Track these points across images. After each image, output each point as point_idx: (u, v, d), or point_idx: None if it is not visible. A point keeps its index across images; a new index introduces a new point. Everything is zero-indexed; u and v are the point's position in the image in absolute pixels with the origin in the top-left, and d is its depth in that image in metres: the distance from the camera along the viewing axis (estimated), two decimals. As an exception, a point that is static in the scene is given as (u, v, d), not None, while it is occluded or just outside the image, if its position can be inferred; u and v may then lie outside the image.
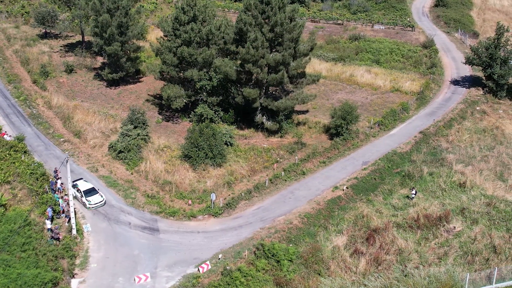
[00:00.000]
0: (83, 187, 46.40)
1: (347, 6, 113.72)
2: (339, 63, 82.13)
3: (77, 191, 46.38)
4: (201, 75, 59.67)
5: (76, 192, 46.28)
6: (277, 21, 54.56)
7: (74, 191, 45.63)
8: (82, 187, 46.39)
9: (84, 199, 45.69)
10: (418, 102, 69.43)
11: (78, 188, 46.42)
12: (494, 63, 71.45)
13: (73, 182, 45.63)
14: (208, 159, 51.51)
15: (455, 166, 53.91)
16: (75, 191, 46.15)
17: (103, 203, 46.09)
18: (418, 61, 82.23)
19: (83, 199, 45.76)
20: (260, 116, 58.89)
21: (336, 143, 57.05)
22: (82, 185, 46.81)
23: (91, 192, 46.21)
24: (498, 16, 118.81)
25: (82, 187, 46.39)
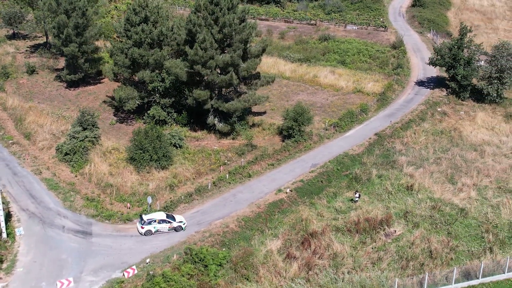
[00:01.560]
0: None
1: (322, 6, 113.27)
2: (304, 63, 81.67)
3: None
4: (153, 76, 59.16)
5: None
6: (225, 22, 54.08)
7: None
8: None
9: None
10: (379, 104, 68.97)
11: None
12: (457, 64, 70.99)
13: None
14: (153, 161, 50.99)
15: (406, 169, 53.49)
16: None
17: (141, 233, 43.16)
18: (384, 62, 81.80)
19: None
20: (212, 117, 58.40)
21: (287, 145, 56.57)
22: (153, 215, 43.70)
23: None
24: (476, 16, 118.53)
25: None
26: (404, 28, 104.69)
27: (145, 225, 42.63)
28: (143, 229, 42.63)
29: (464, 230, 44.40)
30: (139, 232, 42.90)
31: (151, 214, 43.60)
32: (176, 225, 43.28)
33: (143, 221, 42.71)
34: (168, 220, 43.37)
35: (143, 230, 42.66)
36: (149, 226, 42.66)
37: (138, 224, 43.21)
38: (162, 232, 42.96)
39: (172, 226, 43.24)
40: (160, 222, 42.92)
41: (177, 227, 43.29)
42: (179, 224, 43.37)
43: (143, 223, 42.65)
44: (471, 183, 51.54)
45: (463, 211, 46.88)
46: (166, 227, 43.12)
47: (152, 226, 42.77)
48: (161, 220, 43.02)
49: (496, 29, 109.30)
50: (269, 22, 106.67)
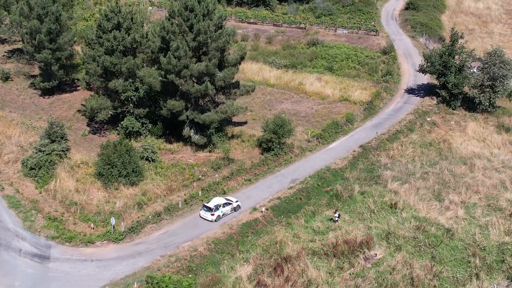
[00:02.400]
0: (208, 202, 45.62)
1: (313, 9, 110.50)
2: (291, 70, 78.93)
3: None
4: (126, 85, 56.39)
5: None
6: (200, 29, 51.30)
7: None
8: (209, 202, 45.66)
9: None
10: (366, 113, 66.25)
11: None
12: (448, 72, 68.28)
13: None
14: (121, 177, 48.24)
15: (390, 184, 50.82)
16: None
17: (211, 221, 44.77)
18: (373, 68, 79.06)
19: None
20: (188, 129, 55.64)
21: (266, 159, 53.83)
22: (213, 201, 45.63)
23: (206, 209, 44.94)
24: (470, 19, 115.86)
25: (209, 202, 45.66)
26: (396, 32, 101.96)
27: (214, 211, 44.35)
28: (213, 216, 44.26)
29: (450, 254, 41.72)
30: (209, 219, 44.33)
31: (212, 201, 45.24)
32: (235, 205, 46.13)
33: (211, 209, 44.23)
34: (229, 201, 45.98)
35: (213, 217, 44.29)
36: (218, 212, 44.61)
37: (206, 213, 44.46)
38: (226, 215, 45.13)
39: (232, 207, 45.90)
40: (224, 205, 45.25)
41: (236, 207, 46.10)
42: (237, 204, 46.30)
43: (212, 211, 44.19)
44: (459, 200, 48.91)
45: (449, 232, 44.23)
46: (229, 209, 45.57)
47: (219, 211, 44.77)
48: (224, 204, 45.36)
49: (491, 33, 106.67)
50: (257, 26, 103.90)
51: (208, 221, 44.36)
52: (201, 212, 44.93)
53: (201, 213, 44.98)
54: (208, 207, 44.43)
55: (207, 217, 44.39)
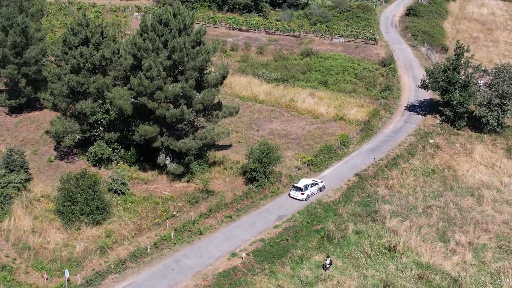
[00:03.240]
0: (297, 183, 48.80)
1: (308, 16, 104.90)
2: (282, 84, 73.31)
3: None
4: (95, 107, 50.72)
5: None
6: (175, 46, 45.65)
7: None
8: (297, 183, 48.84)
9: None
10: (362, 134, 60.63)
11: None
12: (453, 88, 62.69)
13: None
14: (84, 215, 42.60)
15: (389, 222, 45.23)
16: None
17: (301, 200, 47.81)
18: (371, 83, 73.47)
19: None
20: (163, 156, 50.02)
21: (250, 191, 48.19)
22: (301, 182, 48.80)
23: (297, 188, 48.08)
24: (474, 26, 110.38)
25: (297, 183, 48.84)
26: (396, 40, 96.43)
27: (304, 191, 47.49)
28: (303, 195, 47.42)
29: (457, 311, 36.09)
30: (299, 198, 47.50)
31: (301, 181, 48.42)
32: (321, 185, 49.22)
33: (301, 188, 47.40)
34: (316, 182, 49.10)
35: (304, 196, 47.45)
36: (307, 191, 47.71)
37: (296, 192, 47.63)
38: (314, 194, 48.34)
39: (319, 187, 49.04)
40: (312, 185, 48.29)
41: (321, 187, 49.22)
42: (322, 184, 49.39)
43: (302, 190, 47.37)
44: (467, 241, 43.35)
45: (456, 282, 38.67)
46: (316, 189, 48.70)
47: (308, 191, 47.84)
48: (312, 184, 48.45)
49: (496, 41, 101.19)
50: (249, 33, 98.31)
51: (298, 199, 47.66)
52: (291, 192, 48.22)
53: (291, 193, 48.27)
54: (298, 187, 47.67)
55: (298, 197, 47.71)
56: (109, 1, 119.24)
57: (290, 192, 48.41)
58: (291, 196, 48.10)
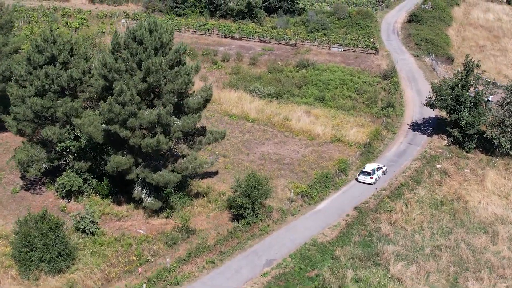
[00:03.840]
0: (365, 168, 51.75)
1: (305, 23, 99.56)
2: (275, 100, 67.98)
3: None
4: (63, 133, 45.37)
5: None
6: (150, 68, 40.30)
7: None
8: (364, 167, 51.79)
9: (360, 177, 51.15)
10: (363, 159, 55.33)
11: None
12: (462, 107, 57.40)
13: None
14: (44, 263, 37.29)
15: (393, 267, 39.91)
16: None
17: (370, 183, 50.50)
18: (372, 98, 68.16)
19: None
20: (139, 189, 44.70)
21: (235, 230, 42.87)
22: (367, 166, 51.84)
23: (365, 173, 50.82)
24: (480, 33, 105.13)
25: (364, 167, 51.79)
26: (398, 49, 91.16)
27: (373, 175, 50.39)
28: (372, 179, 50.26)
29: None
30: (368, 182, 50.19)
31: (367, 166, 51.43)
32: (384, 169, 52.23)
33: (369, 173, 50.26)
34: (380, 166, 52.07)
35: (373, 180, 50.24)
36: (375, 175, 50.56)
37: (365, 177, 50.39)
38: (379, 178, 50.98)
39: (383, 171, 52.03)
40: (377, 169, 51.18)
41: (385, 171, 52.23)
42: (385, 168, 52.45)
43: (371, 174, 50.25)
44: (482, 290, 38.04)
45: None
46: (381, 173, 51.50)
47: (376, 174, 50.64)
48: (377, 168, 51.41)
49: (504, 50, 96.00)
50: (242, 42, 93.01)
51: (367, 184, 50.12)
52: (360, 177, 50.70)
53: (359, 178, 50.75)
54: (367, 172, 50.41)
55: (367, 181, 50.34)
56: (96, 6, 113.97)
57: (358, 177, 50.91)
58: (360, 181, 50.70)
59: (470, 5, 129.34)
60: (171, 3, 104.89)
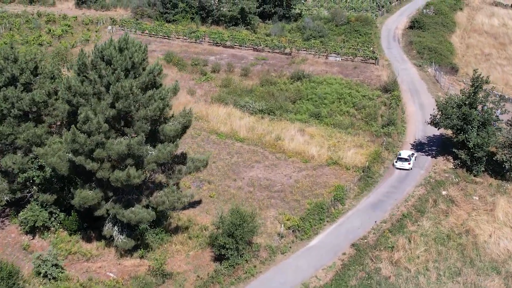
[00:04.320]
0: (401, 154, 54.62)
1: (301, 29, 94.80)
2: (267, 116, 63.24)
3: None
4: (25, 163, 40.62)
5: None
6: (119, 92, 35.56)
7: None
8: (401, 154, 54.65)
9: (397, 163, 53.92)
10: (361, 185, 50.64)
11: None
12: (469, 127, 52.69)
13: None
14: (-6, 319, 32.55)
15: (395, 318, 35.08)
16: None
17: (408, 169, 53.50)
18: (372, 114, 63.45)
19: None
20: (110, 226, 40.00)
21: (217, 274, 38.11)
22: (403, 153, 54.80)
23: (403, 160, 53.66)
24: (486, 40, 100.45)
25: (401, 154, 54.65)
26: (399, 58, 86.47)
27: (410, 161, 53.25)
28: (410, 164, 53.19)
29: None
30: (406, 168, 53.13)
31: (403, 153, 54.48)
32: (416, 155, 55.19)
33: (407, 159, 53.22)
34: (413, 152, 55.34)
35: (410, 165, 53.22)
36: (412, 160, 53.54)
37: (403, 163, 53.22)
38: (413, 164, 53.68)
39: (415, 156, 54.75)
40: (412, 155, 54.09)
41: (416, 157, 54.91)
42: (417, 154, 55.69)
43: (409, 160, 53.17)
44: None
45: None
46: (414, 159, 54.09)
47: (412, 160, 53.60)
48: (412, 154, 54.43)
49: (511, 59, 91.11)
50: (234, 51, 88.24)
51: (405, 169, 53.24)
52: (397, 164, 53.52)
53: (396, 165, 53.56)
54: (405, 158, 53.30)
55: (405, 167, 53.25)
56: (83, 11, 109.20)
57: (395, 164, 53.64)
58: (398, 168, 53.49)
59: (474, 10, 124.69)
60: (160, 8, 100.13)
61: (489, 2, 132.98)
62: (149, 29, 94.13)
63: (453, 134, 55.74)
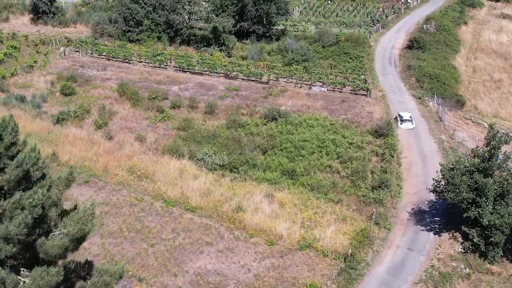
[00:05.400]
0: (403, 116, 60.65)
1: (282, 51, 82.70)
2: (230, 174, 51.14)
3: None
4: None
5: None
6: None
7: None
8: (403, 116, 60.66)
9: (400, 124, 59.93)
10: (342, 281, 38.48)
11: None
12: (483, 199, 40.67)
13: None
14: None
15: None
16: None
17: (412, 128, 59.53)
18: (359, 172, 51.37)
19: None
20: None
21: None
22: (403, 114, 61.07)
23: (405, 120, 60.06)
24: (494, 62, 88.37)
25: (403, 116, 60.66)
26: (395, 87, 74.55)
27: (412, 121, 60.53)
28: (413, 124, 60.02)
29: None
30: (411, 128, 59.60)
31: (404, 114, 61.17)
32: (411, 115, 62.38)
33: (410, 120, 60.24)
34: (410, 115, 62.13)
35: (414, 125, 59.93)
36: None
37: (407, 123, 59.85)
38: None
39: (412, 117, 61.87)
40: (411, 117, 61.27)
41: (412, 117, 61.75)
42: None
43: (412, 121, 60.32)
44: None
45: None
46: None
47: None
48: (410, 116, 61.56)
49: (525, 87, 79.06)
50: (203, 78, 76.26)
51: (410, 129, 59.37)
52: (403, 125, 59.48)
53: (402, 126, 59.36)
54: (408, 119, 59.89)
55: (409, 127, 59.49)
56: (38, 28, 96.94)
57: (400, 126, 58.86)
58: (403, 128, 58.89)
59: (479, 24, 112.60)
60: (123, 26, 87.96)
61: (496, 14, 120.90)
62: (107, 51, 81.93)
63: (462, 210, 43.53)
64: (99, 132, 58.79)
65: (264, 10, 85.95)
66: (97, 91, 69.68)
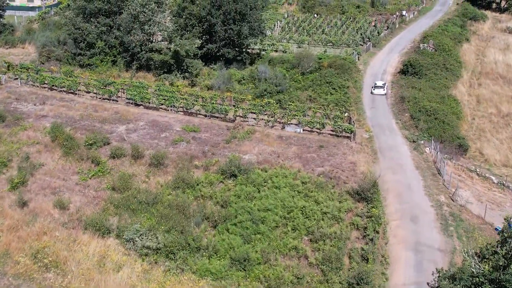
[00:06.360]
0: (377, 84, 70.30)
1: (255, 80, 71.29)
2: (164, 261, 39.61)
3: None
4: None
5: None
6: None
7: None
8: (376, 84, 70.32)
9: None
10: None
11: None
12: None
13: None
14: None
15: None
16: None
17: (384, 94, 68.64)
18: (333, 256, 39.87)
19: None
20: None
21: None
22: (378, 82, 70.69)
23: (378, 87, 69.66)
24: (501, 90, 77.45)
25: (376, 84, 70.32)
26: (386, 125, 63.39)
27: (385, 88, 69.75)
28: (385, 90, 69.32)
29: None
30: (382, 93, 68.90)
31: (378, 82, 70.60)
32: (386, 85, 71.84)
33: (382, 87, 69.46)
34: (384, 82, 72.13)
35: (385, 91, 69.23)
36: (386, 88, 70.38)
37: (379, 89, 69.16)
38: None
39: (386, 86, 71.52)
40: (384, 84, 70.73)
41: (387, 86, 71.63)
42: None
43: (384, 87, 69.60)
44: None
45: None
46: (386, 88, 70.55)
47: (385, 87, 70.64)
48: (384, 83, 71.10)
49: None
50: (158, 114, 64.83)
51: (381, 95, 68.90)
52: (374, 91, 68.96)
53: (374, 91, 68.92)
54: (380, 86, 69.24)
55: (381, 92, 68.83)
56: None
57: (373, 91, 68.93)
58: (374, 93, 68.74)
59: (483, 40, 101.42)
60: (72, 48, 76.51)
61: (501, 28, 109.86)
62: (50, 79, 70.45)
63: (466, 323, 32.17)
64: (11, 195, 47.26)
65: (234, 31, 74.49)
66: (26, 134, 58.08)
